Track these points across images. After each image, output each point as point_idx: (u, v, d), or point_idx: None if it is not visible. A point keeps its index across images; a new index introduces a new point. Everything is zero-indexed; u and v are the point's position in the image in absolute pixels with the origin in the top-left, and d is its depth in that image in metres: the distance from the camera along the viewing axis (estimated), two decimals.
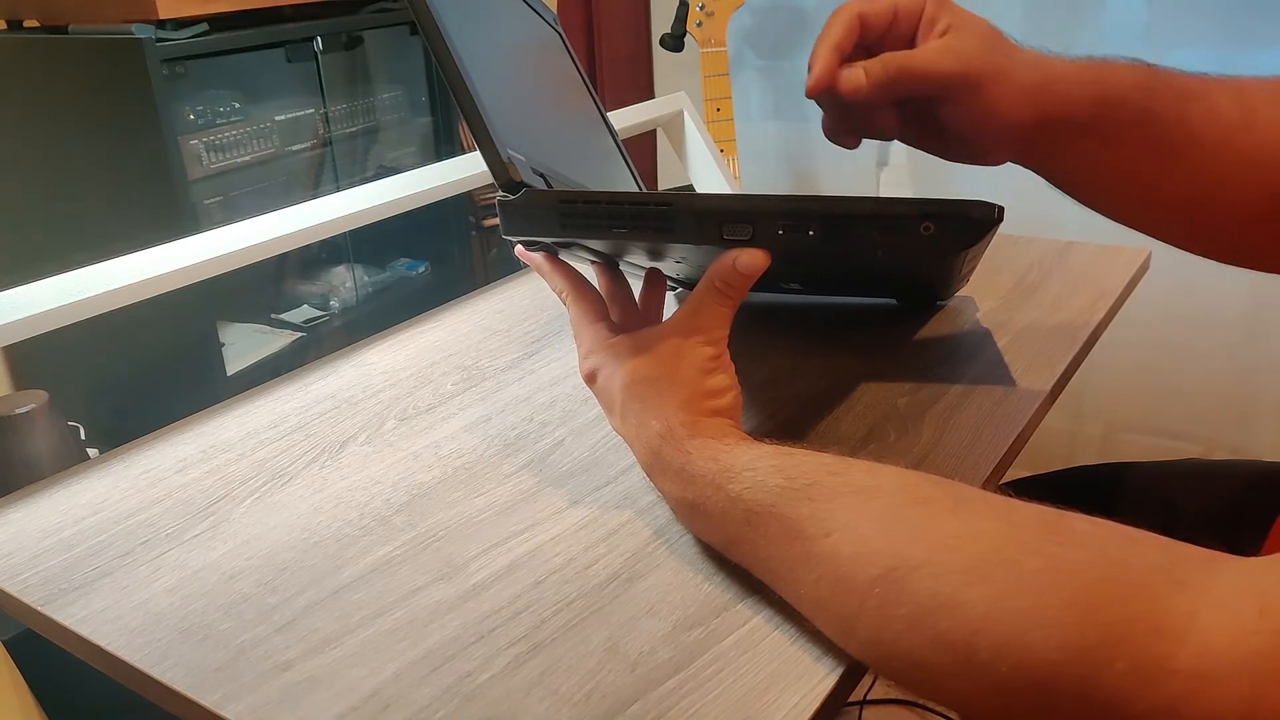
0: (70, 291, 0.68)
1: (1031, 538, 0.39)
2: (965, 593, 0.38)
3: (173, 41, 1.57)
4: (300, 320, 2.07)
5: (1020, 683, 0.36)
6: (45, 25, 1.69)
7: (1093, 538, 0.38)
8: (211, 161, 1.77)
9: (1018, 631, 0.36)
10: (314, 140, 2.00)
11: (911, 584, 0.39)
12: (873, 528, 0.42)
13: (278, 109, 1.91)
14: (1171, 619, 0.33)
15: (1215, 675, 0.32)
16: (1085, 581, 0.36)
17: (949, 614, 0.38)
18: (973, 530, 0.40)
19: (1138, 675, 0.33)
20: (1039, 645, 0.35)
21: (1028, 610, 0.36)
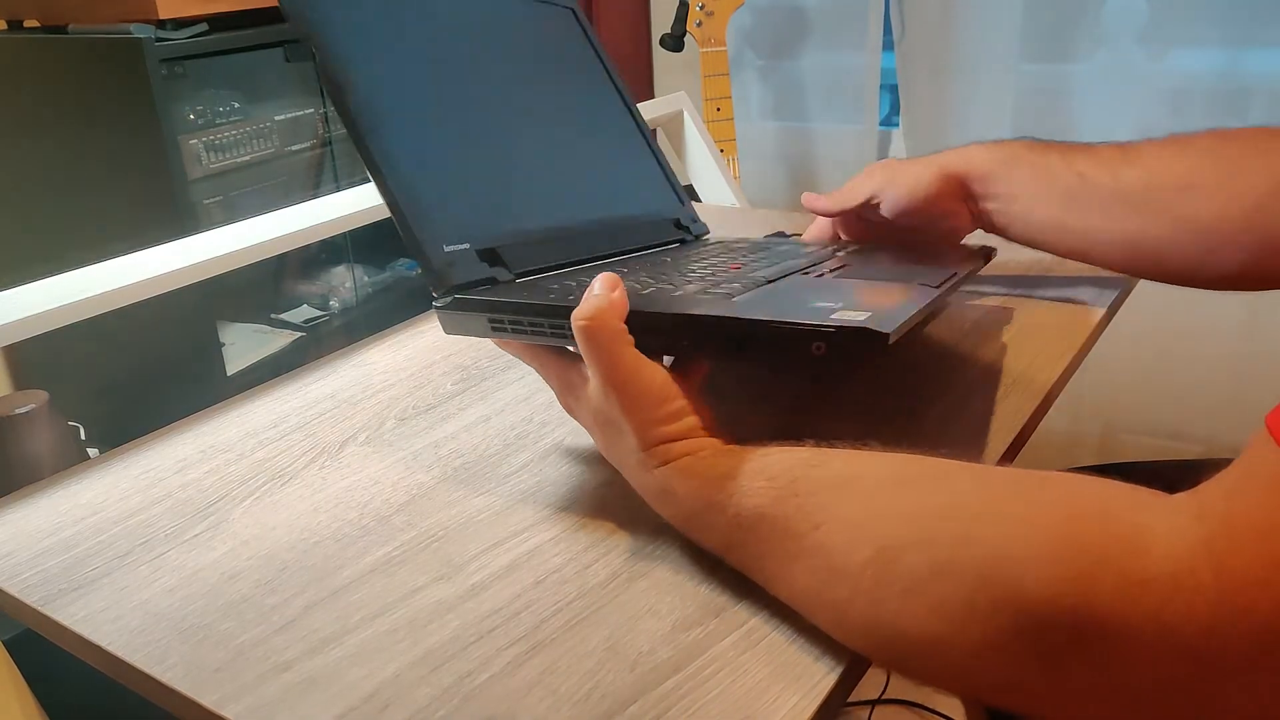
0: (70, 291, 0.68)
1: (1009, 490, 0.42)
2: (960, 554, 0.40)
3: (172, 41, 1.57)
4: (300, 320, 2.07)
5: (1020, 627, 0.37)
6: (45, 25, 1.69)
7: (1061, 480, 0.41)
8: (211, 161, 1.77)
9: (1014, 578, 0.38)
10: (314, 140, 2.00)
11: (904, 560, 0.41)
12: (859, 513, 0.44)
13: (277, 109, 1.91)
14: (1139, 536, 0.36)
15: (1181, 573, 0.34)
16: (1064, 515, 0.39)
17: (946, 579, 0.39)
18: (957, 499, 0.42)
19: (1122, 593, 0.35)
20: (1034, 584, 0.37)
21: (1020, 557, 0.38)
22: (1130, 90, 1.71)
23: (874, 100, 1.93)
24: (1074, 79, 1.76)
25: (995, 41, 1.75)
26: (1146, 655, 0.35)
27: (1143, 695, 0.36)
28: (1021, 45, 1.74)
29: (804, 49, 2.05)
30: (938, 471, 0.45)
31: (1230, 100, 1.68)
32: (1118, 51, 1.73)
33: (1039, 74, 1.75)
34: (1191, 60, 1.70)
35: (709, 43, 1.80)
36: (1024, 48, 1.74)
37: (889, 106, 1.99)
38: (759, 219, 1.12)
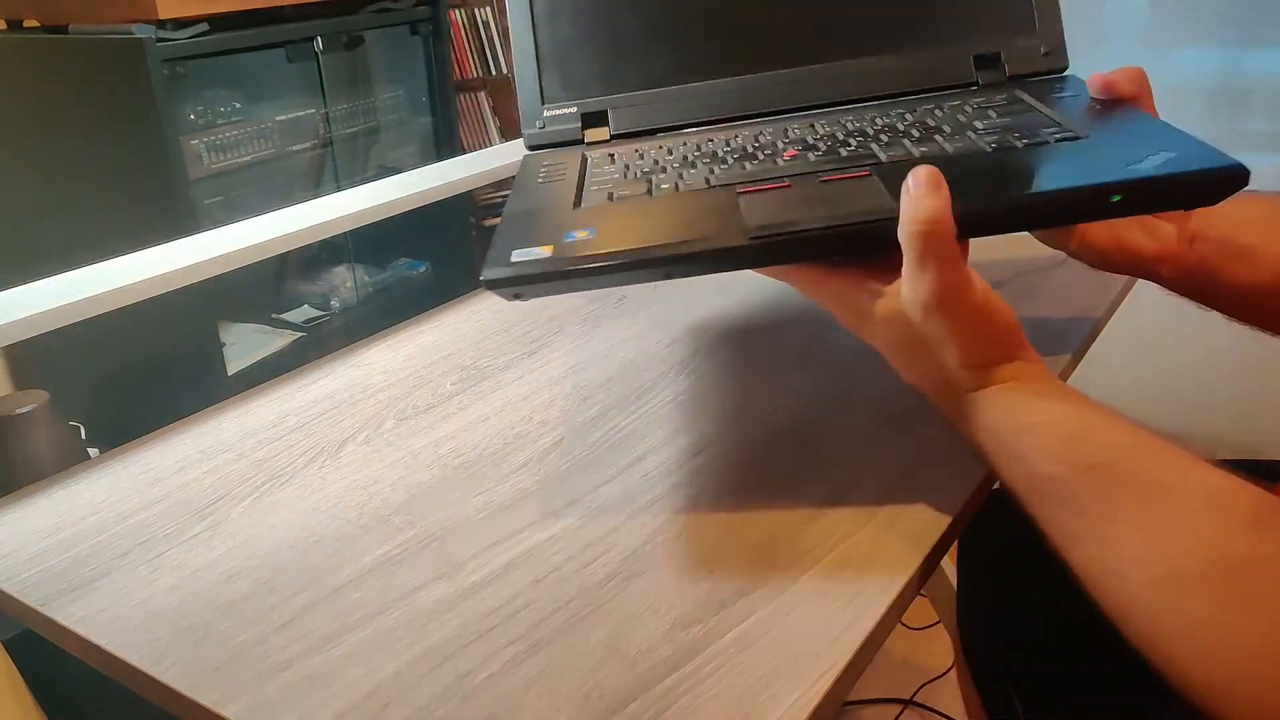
0: (70, 291, 0.68)
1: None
2: (1239, 630, 0.39)
3: (173, 41, 1.57)
4: (300, 320, 2.07)
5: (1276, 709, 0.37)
6: (45, 25, 1.69)
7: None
8: (212, 161, 1.78)
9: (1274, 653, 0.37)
10: (314, 140, 2.00)
11: (1186, 601, 0.40)
12: (1158, 531, 0.43)
13: (278, 109, 1.91)
14: None
15: None
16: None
17: (1219, 640, 0.39)
18: (1259, 554, 0.40)
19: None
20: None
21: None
22: None
23: None
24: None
25: None
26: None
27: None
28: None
29: None
30: (1251, 511, 0.42)
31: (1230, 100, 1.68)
32: (1118, 51, 1.73)
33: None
34: (1191, 60, 1.70)
35: None
36: None
37: None
38: None
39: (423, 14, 2.08)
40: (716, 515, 0.56)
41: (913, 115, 0.59)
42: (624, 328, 0.82)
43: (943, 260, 0.47)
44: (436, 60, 2.15)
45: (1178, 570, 0.41)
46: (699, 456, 0.62)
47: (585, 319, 0.84)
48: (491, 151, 0.99)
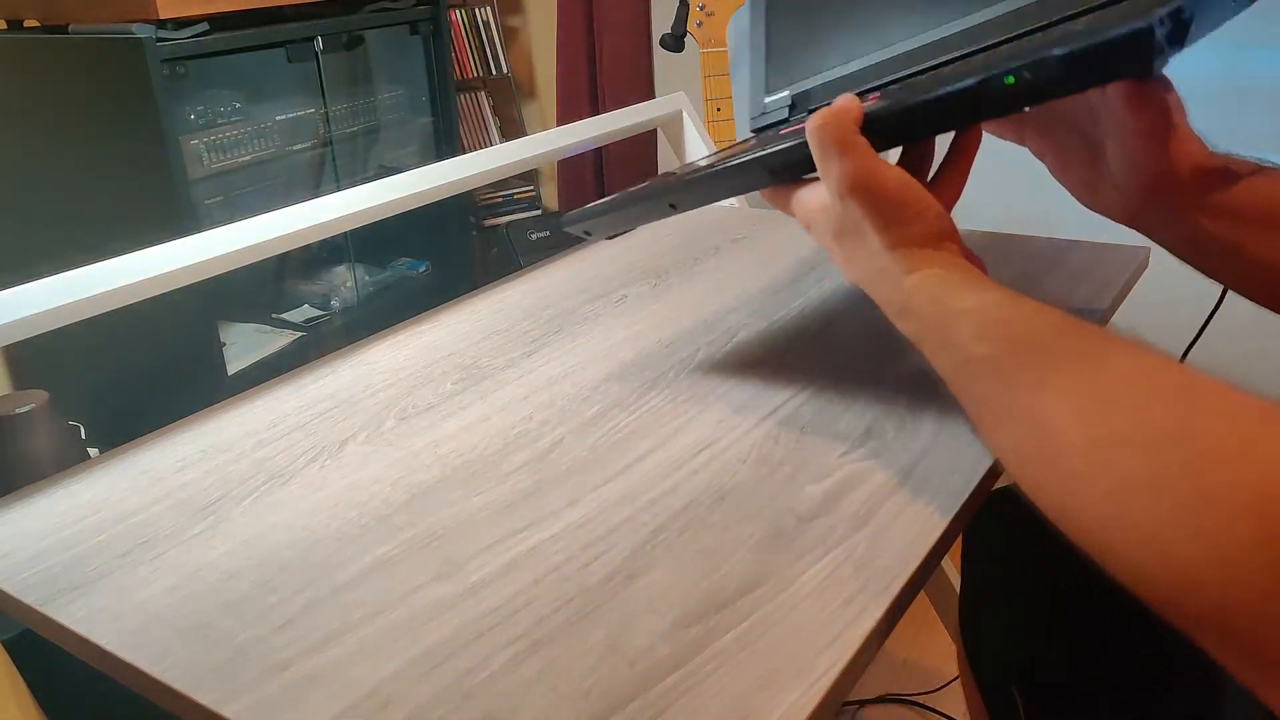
0: (70, 291, 0.68)
1: (1246, 428, 0.39)
2: (1177, 479, 0.38)
3: (173, 41, 1.57)
4: (301, 320, 2.07)
5: (1205, 576, 0.36)
6: (45, 25, 1.69)
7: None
8: (212, 161, 1.78)
9: (1214, 527, 0.36)
10: (314, 140, 2.00)
11: (1118, 461, 0.40)
12: (1090, 396, 0.43)
13: (278, 109, 1.91)
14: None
15: None
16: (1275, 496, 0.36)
17: (1154, 498, 0.38)
18: (1193, 414, 0.40)
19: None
20: (1235, 541, 0.35)
21: (1229, 507, 0.36)
22: None
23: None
24: None
25: None
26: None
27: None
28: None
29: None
30: (1184, 384, 0.42)
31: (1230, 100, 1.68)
32: None
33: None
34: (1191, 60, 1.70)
35: (709, 43, 1.80)
36: None
37: None
38: (758, 219, 1.12)
39: (423, 14, 2.08)
40: (716, 515, 0.56)
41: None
42: (624, 328, 0.82)
43: (845, 148, 0.52)
44: (436, 60, 2.15)
45: (1111, 432, 0.41)
46: (699, 456, 0.62)
47: (585, 319, 0.84)
48: (491, 151, 0.99)
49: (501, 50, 2.51)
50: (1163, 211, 0.63)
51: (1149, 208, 0.63)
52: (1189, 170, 0.61)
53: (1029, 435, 0.45)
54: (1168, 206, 0.62)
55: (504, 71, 2.53)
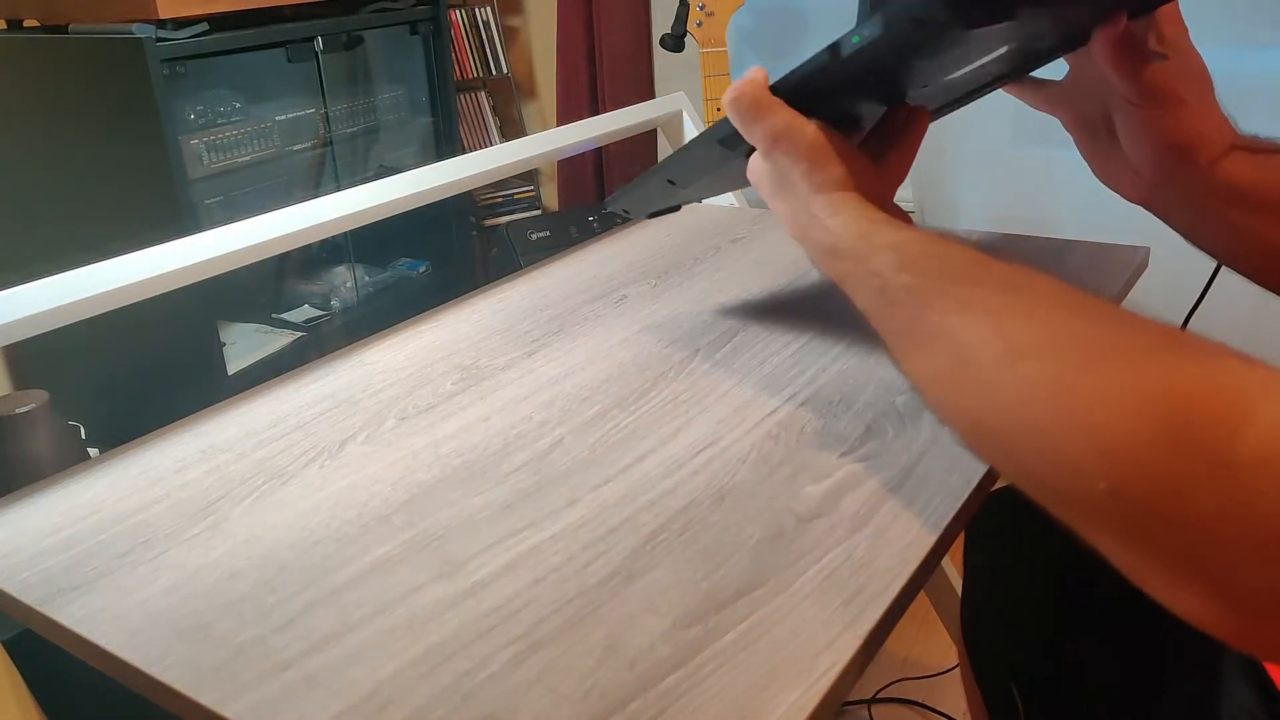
0: (70, 291, 0.68)
1: (1144, 338, 0.41)
2: (1073, 379, 0.40)
3: (173, 41, 1.57)
4: (301, 320, 2.07)
5: (1106, 468, 0.38)
6: (45, 25, 1.69)
7: (1196, 344, 0.40)
8: (212, 161, 1.78)
9: (1116, 419, 0.38)
10: (314, 140, 2.00)
11: (1026, 365, 0.42)
12: (1002, 315, 0.45)
13: (278, 109, 1.91)
14: (1240, 414, 0.35)
15: (1272, 461, 0.34)
16: (1181, 382, 0.38)
17: (1058, 395, 0.41)
18: (1095, 325, 0.43)
19: (1204, 468, 0.35)
20: (1135, 434, 0.37)
21: (1133, 403, 0.38)
22: None
23: None
24: None
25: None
26: (1217, 529, 0.35)
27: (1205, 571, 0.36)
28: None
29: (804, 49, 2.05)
30: (1090, 302, 0.45)
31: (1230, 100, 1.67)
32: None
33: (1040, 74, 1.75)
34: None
35: (709, 43, 1.80)
36: None
37: None
38: (758, 219, 1.12)
39: (423, 14, 2.08)
40: (716, 515, 0.56)
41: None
42: (624, 328, 0.82)
43: (759, 108, 0.57)
44: (436, 60, 2.15)
45: (1020, 342, 0.43)
46: (699, 456, 0.62)
47: (585, 319, 0.84)
48: (491, 151, 0.99)
49: (501, 50, 2.51)
50: (1176, 191, 0.62)
51: (1162, 187, 0.63)
52: (1202, 147, 0.60)
53: (945, 354, 0.47)
54: (1180, 186, 0.62)
55: (504, 71, 2.53)
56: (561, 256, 1.02)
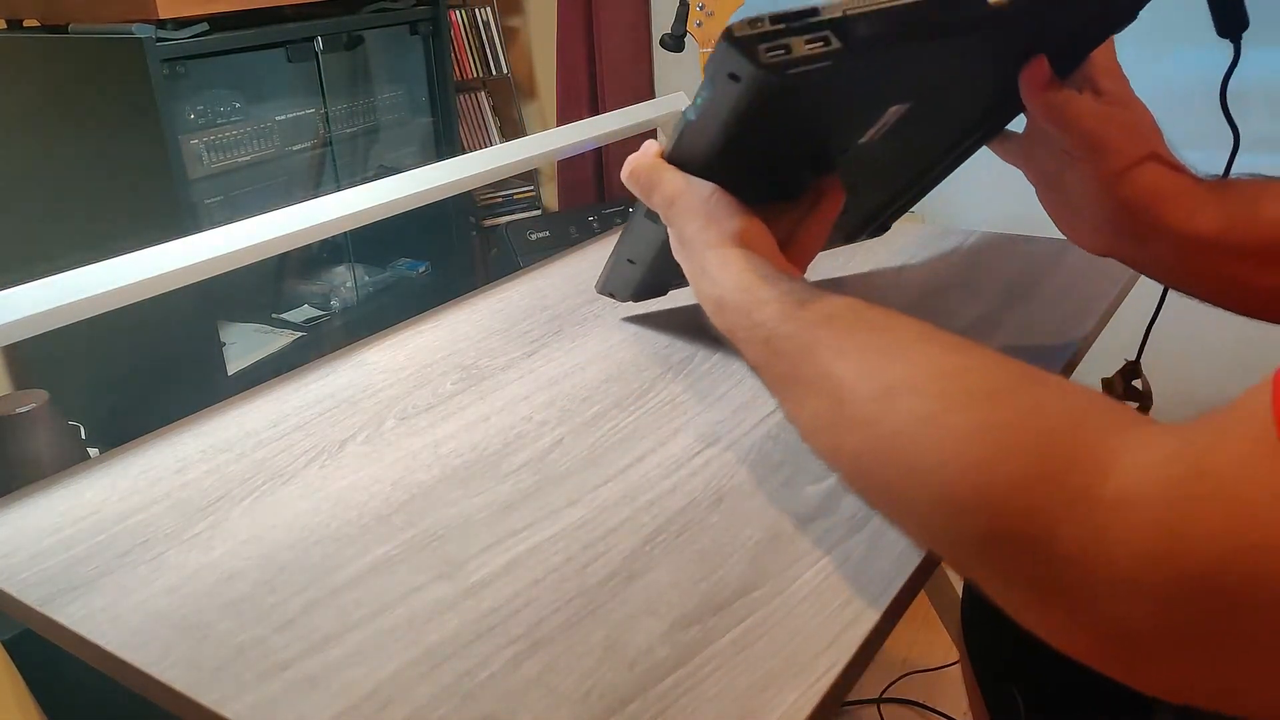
0: (70, 291, 0.68)
1: (1018, 381, 0.43)
2: (948, 417, 0.42)
3: (173, 41, 1.57)
4: (301, 320, 2.07)
5: (976, 505, 0.39)
6: (45, 25, 1.69)
7: (1070, 390, 0.42)
8: (212, 161, 1.78)
9: (985, 458, 0.39)
10: (314, 140, 2.00)
11: (901, 404, 0.44)
12: (881, 355, 0.47)
13: (278, 109, 1.91)
14: (1110, 456, 0.36)
15: (1133, 502, 0.35)
16: (1053, 423, 0.40)
17: (929, 434, 0.42)
18: (969, 366, 0.45)
19: (1072, 503, 0.36)
20: (1001, 472, 0.39)
21: (999, 441, 0.40)
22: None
23: None
24: None
25: None
26: (1078, 566, 0.36)
27: (1066, 603, 0.37)
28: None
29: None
30: (963, 342, 0.46)
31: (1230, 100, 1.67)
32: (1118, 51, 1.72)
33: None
34: (1191, 60, 1.70)
35: (709, 43, 1.80)
36: None
37: None
38: None
39: (423, 14, 2.08)
40: (716, 516, 0.56)
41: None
42: (624, 328, 0.82)
43: (653, 179, 0.62)
44: (436, 60, 2.15)
45: (895, 381, 0.45)
46: (699, 456, 0.62)
47: (585, 319, 0.84)
48: (491, 151, 0.99)
49: (501, 50, 2.51)
50: (1138, 245, 0.62)
51: (1124, 241, 0.63)
52: (1156, 202, 0.60)
53: (826, 396, 0.48)
54: (1141, 240, 0.62)
55: (504, 71, 2.53)
56: (561, 256, 1.02)
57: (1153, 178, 0.60)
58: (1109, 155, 0.60)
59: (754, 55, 0.51)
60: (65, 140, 1.71)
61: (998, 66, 0.63)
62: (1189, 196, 0.60)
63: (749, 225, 0.59)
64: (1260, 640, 0.32)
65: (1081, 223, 0.64)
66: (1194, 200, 0.59)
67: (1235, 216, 0.59)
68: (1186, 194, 0.60)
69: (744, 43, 0.51)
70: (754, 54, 0.51)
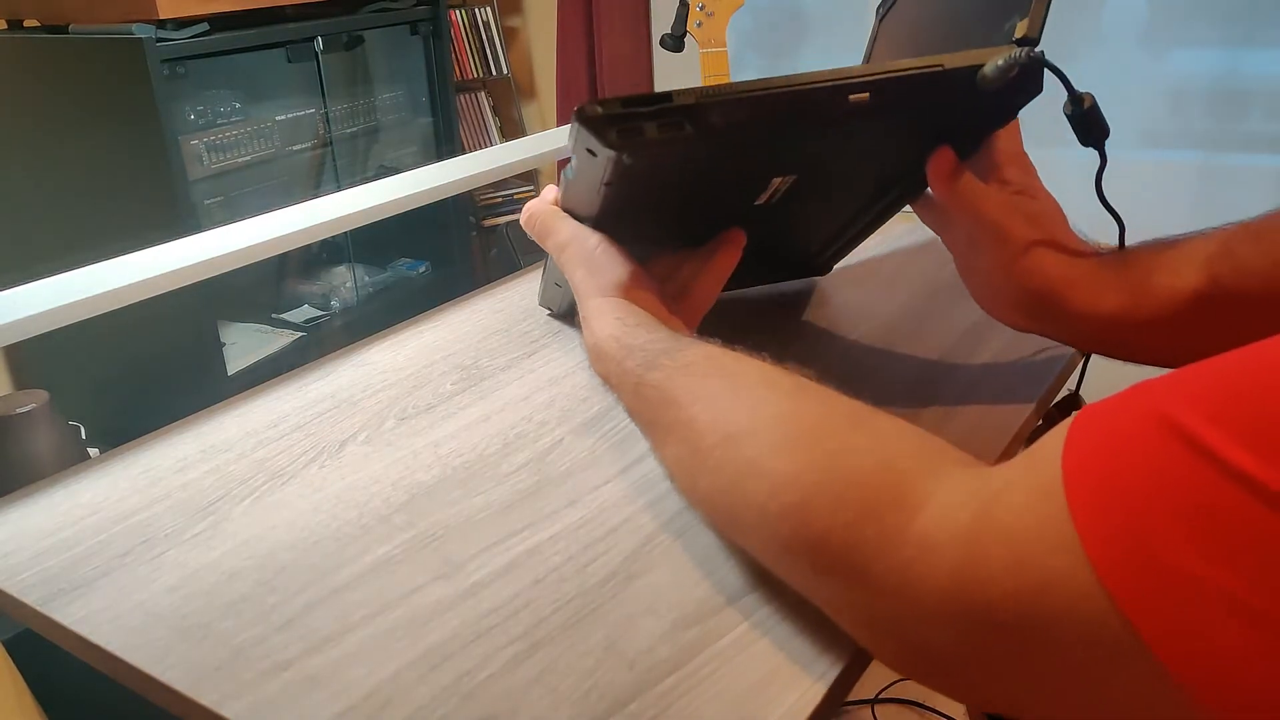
0: (70, 291, 0.68)
1: (839, 424, 0.47)
2: (772, 462, 0.46)
3: (173, 41, 1.57)
4: (301, 320, 2.07)
5: (799, 543, 0.43)
6: (45, 25, 1.69)
7: (885, 431, 0.46)
8: (212, 161, 1.78)
9: (803, 500, 0.43)
10: (314, 140, 2.00)
11: (739, 449, 0.48)
12: (727, 401, 0.51)
13: (278, 109, 1.91)
14: (917, 498, 0.40)
15: (934, 543, 0.38)
16: (864, 465, 0.43)
17: (758, 477, 0.46)
18: (798, 411, 0.49)
19: (882, 542, 0.40)
20: (818, 512, 0.43)
21: (815, 483, 0.44)
22: (1130, 90, 1.71)
23: None
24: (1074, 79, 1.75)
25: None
26: (890, 597, 0.40)
27: (882, 627, 0.41)
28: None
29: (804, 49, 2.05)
30: (800, 385, 0.51)
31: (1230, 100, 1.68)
32: (1118, 51, 1.73)
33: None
34: (1191, 60, 1.70)
35: (709, 44, 1.80)
36: None
37: None
38: None
39: (423, 14, 2.08)
40: None
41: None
42: None
43: (548, 225, 0.67)
44: (436, 60, 2.15)
45: (735, 428, 0.49)
46: None
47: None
48: (491, 151, 0.99)
49: (501, 50, 2.51)
50: (1048, 325, 0.63)
51: (1034, 321, 0.64)
52: (1060, 288, 0.61)
53: (683, 443, 0.52)
54: (1050, 321, 0.63)
55: (504, 71, 2.53)
56: None
57: (1056, 266, 0.61)
58: (1012, 244, 0.62)
59: (604, 137, 0.52)
60: (65, 140, 1.71)
61: (892, 143, 0.63)
62: (1092, 279, 0.61)
63: (629, 276, 0.63)
64: (1041, 666, 0.35)
65: (996, 301, 0.65)
66: (1097, 282, 0.61)
67: (1136, 291, 0.60)
68: (1089, 277, 0.61)
69: (594, 123, 0.52)
70: (604, 136, 0.52)
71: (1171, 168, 1.74)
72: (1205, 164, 1.70)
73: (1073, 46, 1.74)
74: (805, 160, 0.61)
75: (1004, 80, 0.53)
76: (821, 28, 2.03)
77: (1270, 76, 1.64)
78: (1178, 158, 1.75)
